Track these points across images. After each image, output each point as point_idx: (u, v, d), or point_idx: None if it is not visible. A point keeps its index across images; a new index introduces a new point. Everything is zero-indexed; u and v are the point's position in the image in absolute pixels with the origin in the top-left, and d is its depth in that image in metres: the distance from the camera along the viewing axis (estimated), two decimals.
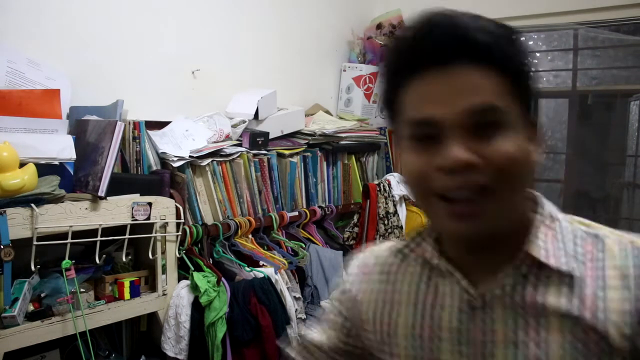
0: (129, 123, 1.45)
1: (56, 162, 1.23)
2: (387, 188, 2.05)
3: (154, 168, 1.52)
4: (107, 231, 1.28)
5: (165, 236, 1.40)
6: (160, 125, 1.63)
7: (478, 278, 0.55)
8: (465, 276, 0.56)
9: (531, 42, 2.69)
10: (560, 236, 0.53)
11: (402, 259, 0.63)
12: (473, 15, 0.51)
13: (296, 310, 1.60)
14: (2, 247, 1.08)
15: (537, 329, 0.51)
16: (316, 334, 0.70)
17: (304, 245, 1.81)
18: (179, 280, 1.46)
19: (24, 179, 1.12)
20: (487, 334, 0.53)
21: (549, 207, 0.56)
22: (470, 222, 0.49)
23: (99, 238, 1.25)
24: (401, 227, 2.06)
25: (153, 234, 1.36)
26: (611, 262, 0.50)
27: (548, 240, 0.52)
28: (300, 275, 1.72)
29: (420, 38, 0.50)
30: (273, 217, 1.75)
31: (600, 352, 0.48)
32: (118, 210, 1.29)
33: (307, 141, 1.96)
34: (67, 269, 1.19)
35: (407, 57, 0.51)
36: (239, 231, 1.65)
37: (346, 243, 2.00)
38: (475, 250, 0.55)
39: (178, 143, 1.57)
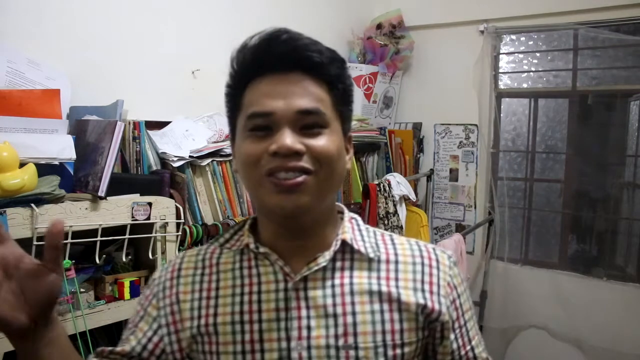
0: (129, 123, 1.45)
1: (56, 162, 1.23)
2: (387, 188, 2.05)
3: (154, 168, 1.52)
4: (107, 231, 1.27)
5: (165, 236, 1.40)
6: (160, 125, 1.63)
7: (294, 263, 0.63)
8: (283, 260, 0.63)
9: (531, 42, 2.69)
10: (360, 229, 0.68)
11: (219, 253, 0.68)
12: (313, 40, 0.62)
13: None
14: None
15: (349, 301, 0.62)
16: (121, 346, 0.67)
17: None
18: None
19: (24, 179, 1.12)
20: (305, 310, 0.61)
21: (350, 213, 0.70)
22: (294, 197, 0.58)
23: (99, 238, 1.25)
24: (401, 227, 2.06)
25: (153, 234, 1.36)
26: (401, 250, 0.66)
27: (353, 231, 0.67)
28: None
29: (267, 47, 0.60)
30: None
31: (400, 315, 0.62)
32: (118, 210, 1.28)
33: None
34: (67, 269, 1.19)
35: (255, 61, 0.61)
36: None
37: None
38: (294, 235, 0.63)
39: (178, 143, 1.57)
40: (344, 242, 0.64)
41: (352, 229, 0.66)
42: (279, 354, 0.60)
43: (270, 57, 0.60)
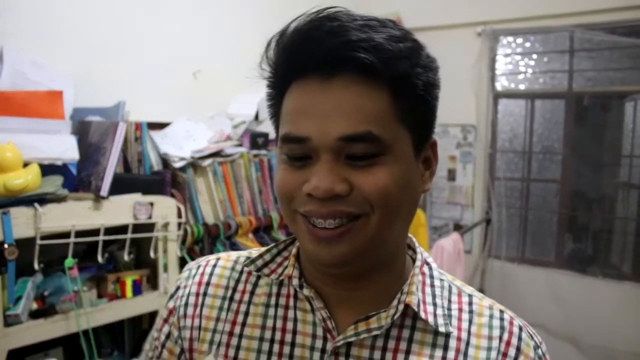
0: (131, 124, 1.46)
1: (59, 163, 1.25)
2: None
3: (156, 168, 1.53)
4: (109, 230, 1.29)
5: (166, 235, 1.42)
6: (161, 126, 1.64)
7: (342, 313, 0.49)
8: (327, 307, 0.49)
9: (528, 44, 2.72)
10: (432, 284, 0.51)
11: (255, 275, 0.54)
12: (378, 21, 0.45)
13: None
14: (6, 246, 1.10)
15: None
16: None
17: None
18: None
19: (27, 179, 1.13)
20: None
21: (421, 250, 0.53)
22: (333, 246, 0.45)
23: (101, 237, 1.26)
24: None
25: (155, 234, 1.38)
26: (476, 326, 0.49)
27: (424, 288, 0.50)
28: None
29: (305, 40, 0.44)
30: (273, 216, 1.77)
31: None
32: (120, 210, 1.30)
33: None
34: (70, 268, 1.20)
35: (289, 60, 0.46)
36: (240, 230, 1.66)
37: None
38: (342, 282, 0.49)
39: (179, 143, 1.58)
40: (407, 306, 0.48)
41: (423, 284, 0.50)
42: None
43: (307, 56, 0.44)
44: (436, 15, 2.65)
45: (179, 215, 1.44)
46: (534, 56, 2.71)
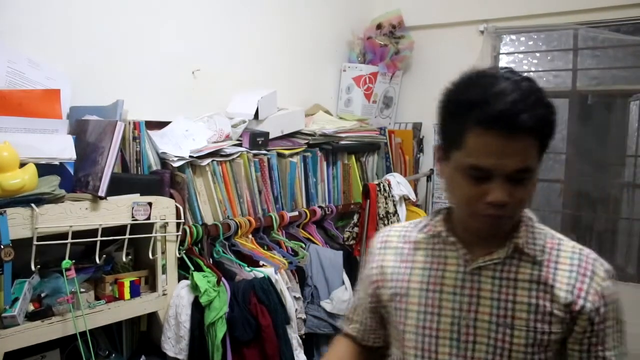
0: (129, 123, 1.45)
1: (56, 162, 1.24)
2: (387, 188, 2.05)
3: (154, 168, 1.52)
4: (107, 231, 1.28)
5: (165, 236, 1.41)
6: (160, 125, 1.63)
7: (475, 252, 0.80)
8: (466, 249, 0.81)
9: (531, 42, 2.69)
10: (534, 234, 0.81)
11: (418, 232, 0.87)
12: (540, 94, 0.71)
13: (296, 310, 1.60)
14: (2, 247, 1.08)
15: (511, 290, 0.78)
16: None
17: (304, 245, 1.81)
18: (179, 280, 1.46)
19: (24, 179, 1.12)
20: (477, 290, 0.79)
21: (530, 214, 0.83)
22: (493, 227, 0.76)
23: (99, 238, 1.25)
24: None
25: (153, 234, 1.36)
26: (564, 255, 0.79)
27: (527, 235, 0.80)
28: (300, 275, 1.72)
29: (503, 102, 0.68)
30: (273, 217, 1.76)
31: (551, 306, 0.76)
32: (118, 210, 1.29)
33: (307, 141, 1.96)
34: (67, 269, 1.19)
35: (484, 109, 0.69)
36: (239, 231, 1.65)
37: (346, 243, 2.00)
38: (481, 236, 0.80)
39: (178, 143, 1.57)
40: (515, 244, 0.78)
41: (527, 232, 0.79)
42: (452, 319, 0.79)
43: (504, 115, 0.68)
44: (438, 13, 2.62)
45: (178, 216, 1.42)
46: (537, 54, 2.69)
